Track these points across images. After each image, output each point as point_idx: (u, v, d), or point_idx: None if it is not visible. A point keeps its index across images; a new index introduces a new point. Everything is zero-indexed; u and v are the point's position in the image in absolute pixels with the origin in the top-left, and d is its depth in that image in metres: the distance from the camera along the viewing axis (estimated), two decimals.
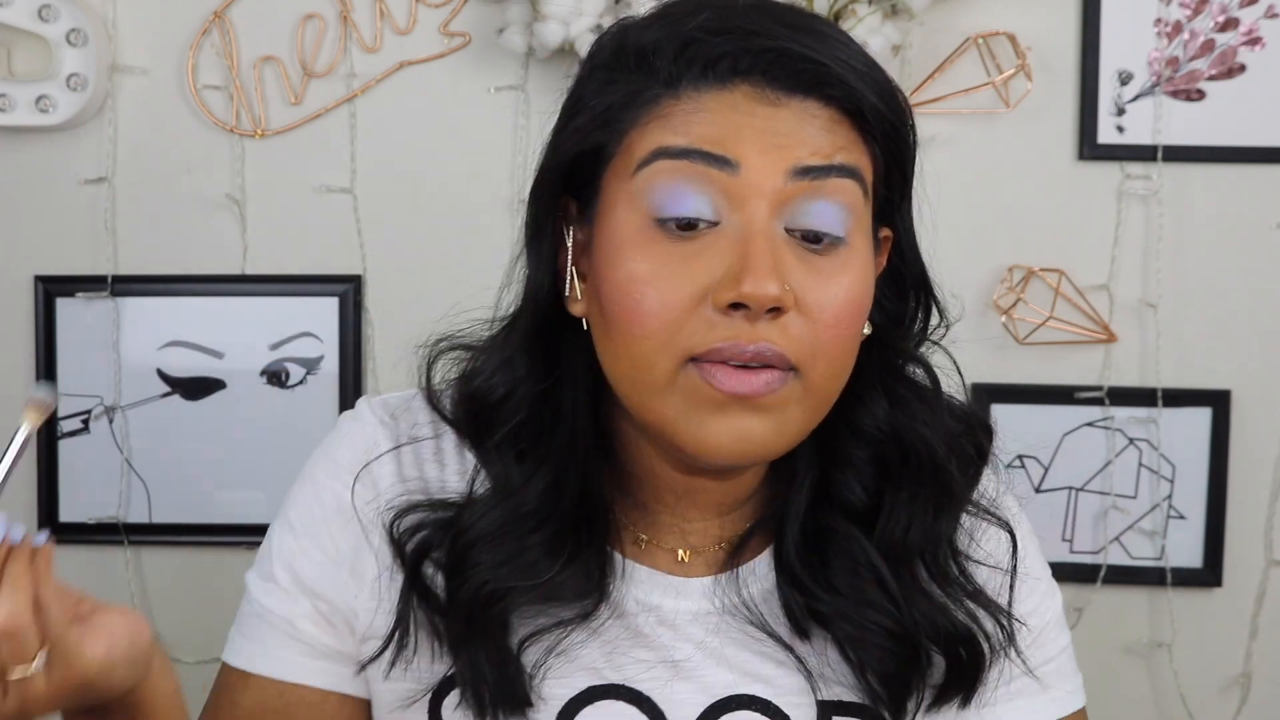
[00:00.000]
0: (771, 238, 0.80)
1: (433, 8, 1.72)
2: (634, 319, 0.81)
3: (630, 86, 0.82)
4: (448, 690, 0.90)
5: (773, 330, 0.79)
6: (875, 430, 0.90)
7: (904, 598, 0.89)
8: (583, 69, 0.87)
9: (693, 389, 0.80)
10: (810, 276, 0.81)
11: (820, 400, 0.84)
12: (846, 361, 0.84)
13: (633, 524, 0.92)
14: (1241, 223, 1.71)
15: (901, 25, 1.66)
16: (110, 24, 1.73)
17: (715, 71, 0.80)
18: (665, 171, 0.80)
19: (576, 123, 0.85)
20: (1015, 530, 0.95)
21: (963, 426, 0.95)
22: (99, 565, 1.79)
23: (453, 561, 0.88)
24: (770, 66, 0.80)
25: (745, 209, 0.80)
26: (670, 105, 0.81)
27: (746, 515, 0.93)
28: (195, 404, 1.77)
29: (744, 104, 0.80)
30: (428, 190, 1.74)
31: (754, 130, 0.80)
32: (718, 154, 0.80)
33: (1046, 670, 0.96)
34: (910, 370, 0.93)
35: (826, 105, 0.81)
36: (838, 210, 0.81)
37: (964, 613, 0.91)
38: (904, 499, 0.90)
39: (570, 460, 0.88)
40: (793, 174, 0.80)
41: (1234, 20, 1.68)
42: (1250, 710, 1.76)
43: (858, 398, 0.90)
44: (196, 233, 1.76)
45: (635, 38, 0.84)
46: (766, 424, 0.81)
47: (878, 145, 0.83)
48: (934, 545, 0.91)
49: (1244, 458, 1.73)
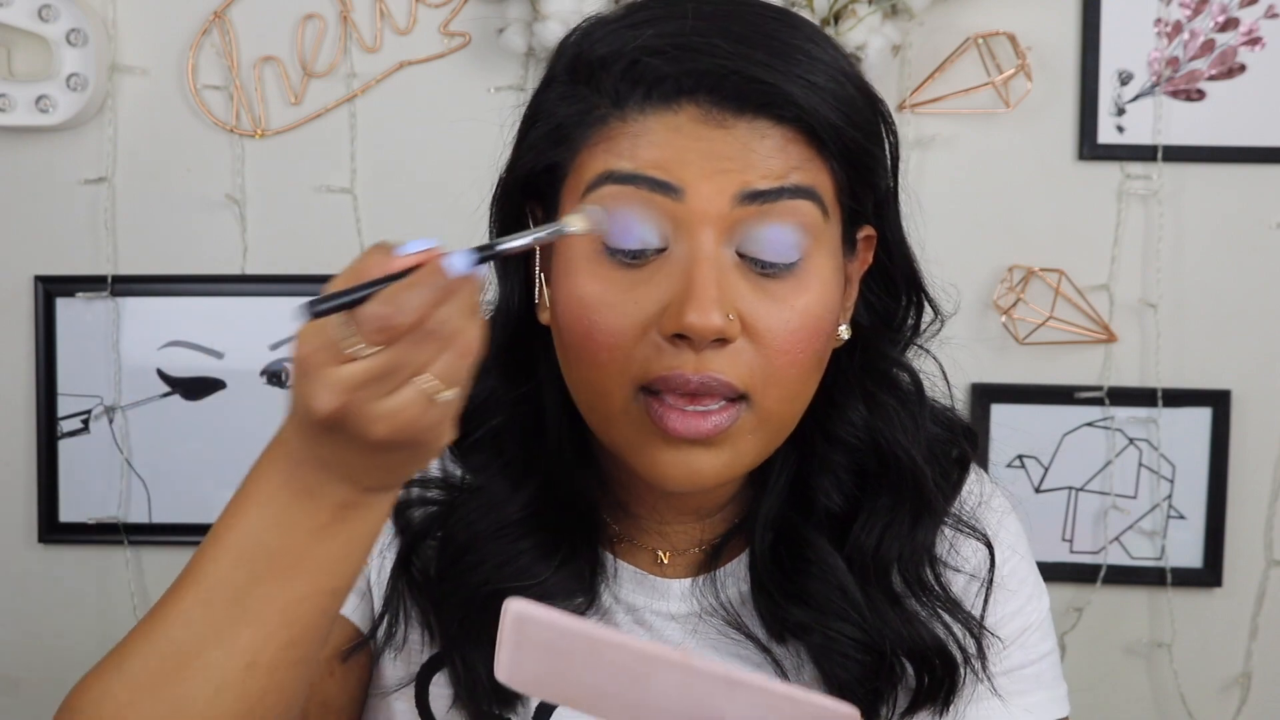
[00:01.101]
0: (719, 264, 0.78)
1: (433, 8, 1.72)
2: (585, 345, 0.80)
3: (580, 104, 0.81)
4: (435, 670, 0.90)
5: (719, 359, 0.78)
6: (852, 438, 0.89)
7: (873, 610, 0.88)
8: (547, 71, 0.86)
9: (643, 424, 0.80)
10: (762, 302, 0.79)
11: (777, 426, 0.83)
12: (804, 384, 0.83)
13: (616, 524, 0.92)
14: (1241, 223, 1.71)
15: (901, 25, 1.66)
16: (110, 24, 1.73)
17: (660, 92, 0.78)
18: (612, 196, 0.79)
19: (533, 135, 0.85)
20: (995, 539, 0.94)
21: (946, 432, 0.94)
22: (99, 565, 1.80)
23: (447, 562, 0.88)
24: (716, 87, 0.77)
25: (691, 236, 0.78)
26: (617, 126, 0.79)
27: (726, 518, 0.93)
28: (195, 404, 1.77)
29: (689, 126, 0.78)
30: (428, 190, 1.74)
31: (699, 154, 0.77)
32: (661, 179, 0.78)
33: (1025, 674, 0.94)
34: (895, 374, 0.91)
35: (778, 124, 0.78)
36: (790, 233, 0.79)
37: (938, 623, 0.90)
38: (882, 507, 0.89)
39: (557, 467, 0.89)
40: (740, 198, 0.78)
41: (1234, 20, 1.68)
42: (1250, 710, 1.76)
43: (835, 404, 0.89)
44: (196, 233, 1.76)
45: (590, 48, 0.82)
46: (718, 457, 0.81)
47: (835, 162, 0.80)
48: (911, 554, 0.90)
49: (1244, 458, 1.73)
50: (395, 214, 1.75)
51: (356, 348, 0.63)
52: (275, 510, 0.69)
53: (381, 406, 0.64)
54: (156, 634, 0.71)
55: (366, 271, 0.64)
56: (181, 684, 0.69)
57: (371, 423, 0.64)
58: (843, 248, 0.85)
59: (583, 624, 0.66)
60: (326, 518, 0.69)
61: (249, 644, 0.70)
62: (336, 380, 0.64)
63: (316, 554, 0.69)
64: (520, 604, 0.66)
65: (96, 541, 1.79)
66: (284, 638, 0.70)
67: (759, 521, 0.90)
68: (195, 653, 0.70)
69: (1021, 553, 0.97)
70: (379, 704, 0.93)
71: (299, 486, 0.68)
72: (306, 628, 0.71)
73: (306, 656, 0.72)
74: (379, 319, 0.63)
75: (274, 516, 0.69)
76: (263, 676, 0.70)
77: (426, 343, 0.64)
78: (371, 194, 1.75)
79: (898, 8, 1.65)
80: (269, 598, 0.70)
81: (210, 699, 0.69)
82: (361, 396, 0.64)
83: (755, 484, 0.91)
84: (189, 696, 0.69)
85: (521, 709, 0.89)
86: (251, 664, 0.70)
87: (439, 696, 0.91)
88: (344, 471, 0.68)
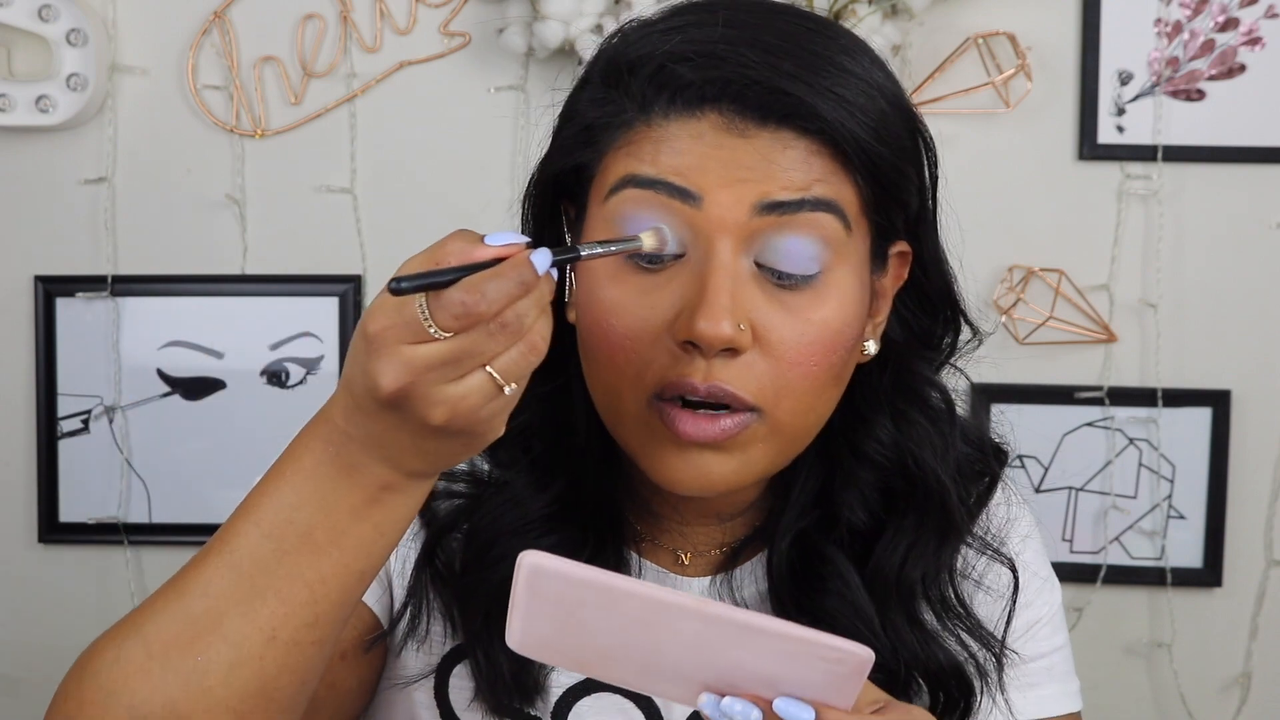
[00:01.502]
0: (735, 274, 0.78)
1: (433, 8, 1.72)
2: (601, 347, 0.80)
3: (609, 107, 0.81)
4: (455, 662, 0.91)
5: (729, 370, 0.78)
6: (880, 455, 0.89)
7: (889, 629, 0.88)
8: (585, 71, 0.86)
9: (655, 427, 0.80)
10: (777, 313, 0.79)
11: (790, 437, 0.82)
12: (819, 397, 0.82)
13: (638, 524, 0.93)
14: (1241, 223, 1.71)
15: (901, 25, 1.66)
16: (110, 24, 1.73)
17: (683, 99, 0.78)
18: (633, 200, 0.79)
19: (565, 135, 0.85)
20: (1016, 559, 0.93)
21: (977, 452, 0.94)
22: (99, 565, 1.80)
23: (471, 557, 0.88)
24: (739, 96, 0.77)
25: (708, 243, 0.78)
26: (642, 131, 0.80)
27: (746, 523, 0.93)
28: (195, 404, 1.77)
29: (711, 134, 0.78)
30: (428, 190, 1.74)
31: (719, 162, 0.77)
32: (681, 186, 0.77)
33: (1036, 668, 0.94)
34: (926, 392, 0.91)
35: (802, 136, 0.78)
36: (809, 245, 0.78)
37: (957, 643, 0.90)
38: (908, 526, 0.89)
39: (585, 466, 0.89)
40: (759, 208, 0.77)
41: (1234, 20, 1.68)
42: (1250, 710, 1.76)
43: (864, 420, 0.88)
44: (196, 233, 1.76)
45: (625, 50, 0.82)
46: (728, 463, 0.81)
47: (860, 176, 0.80)
48: (935, 574, 0.90)
49: (1244, 458, 1.73)
50: (395, 214, 1.75)
51: (432, 330, 0.64)
52: (313, 486, 0.70)
53: (446, 391, 0.65)
54: (177, 601, 0.71)
55: (447, 256, 0.66)
56: (199, 653, 0.70)
57: (433, 406, 0.65)
58: (871, 262, 0.84)
59: (598, 573, 0.66)
60: (364, 498, 0.69)
61: (271, 618, 0.70)
62: (407, 359, 0.65)
63: (350, 533, 0.70)
64: (535, 555, 0.66)
65: (96, 541, 1.79)
66: (307, 615, 0.70)
67: (779, 530, 0.90)
68: (215, 623, 0.70)
69: (1035, 552, 0.97)
70: (398, 695, 0.93)
71: (342, 464, 0.69)
72: (330, 606, 0.71)
73: (326, 637, 0.72)
74: (461, 304, 0.64)
75: (311, 493, 0.70)
76: (281, 653, 0.70)
77: (500, 334, 0.65)
78: (371, 194, 1.75)
79: (898, 8, 1.65)
80: (296, 574, 0.70)
81: (227, 671, 0.70)
82: (429, 378, 0.65)
83: (778, 493, 0.91)
84: (206, 666, 0.69)
85: (541, 703, 0.89)
86: (272, 639, 0.70)
87: (459, 689, 0.91)
88: (390, 453, 0.68)
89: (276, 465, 0.72)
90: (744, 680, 0.67)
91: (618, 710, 0.90)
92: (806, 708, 0.67)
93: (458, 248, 0.66)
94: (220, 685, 0.70)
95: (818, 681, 0.67)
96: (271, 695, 0.71)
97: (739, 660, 0.67)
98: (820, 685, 0.67)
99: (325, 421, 0.70)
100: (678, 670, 0.68)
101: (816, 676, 0.66)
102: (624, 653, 0.68)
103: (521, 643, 0.70)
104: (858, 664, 0.66)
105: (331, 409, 0.70)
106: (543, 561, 0.66)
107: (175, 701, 0.69)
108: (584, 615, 0.67)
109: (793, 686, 0.67)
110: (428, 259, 0.66)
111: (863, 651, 0.66)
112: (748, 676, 0.67)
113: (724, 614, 0.65)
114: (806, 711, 0.67)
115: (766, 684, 0.67)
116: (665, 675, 0.69)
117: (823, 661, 0.66)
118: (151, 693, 0.69)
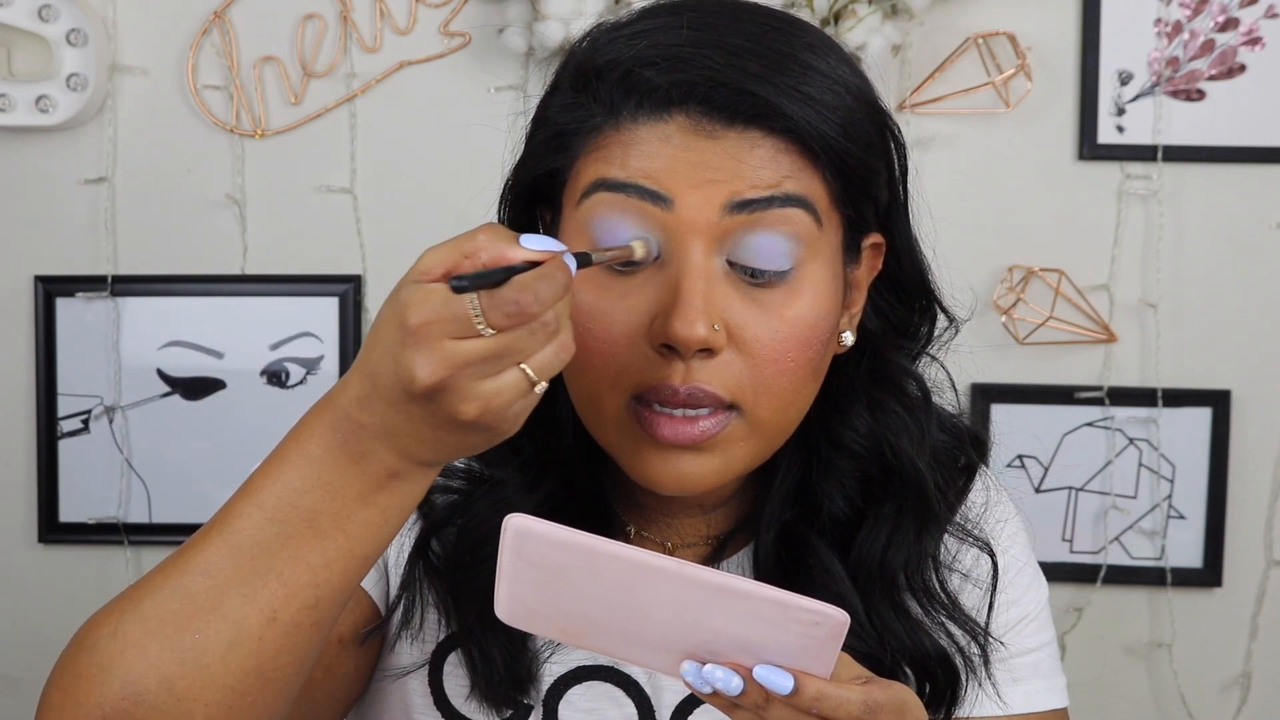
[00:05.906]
0: (707, 274, 0.78)
1: (433, 8, 1.72)
2: (579, 353, 0.80)
3: (579, 111, 0.82)
4: (449, 651, 0.91)
5: (706, 370, 0.79)
6: (857, 444, 0.90)
7: (874, 618, 0.89)
8: (555, 75, 0.87)
9: (634, 430, 0.81)
10: (750, 311, 0.80)
11: (770, 433, 0.83)
12: (798, 392, 0.83)
13: (626, 516, 0.94)
14: (1241, 223, 1.71)
15: (901, 25, 1.66)
16: (110, 24, 1.73)
17: (651, 102, 0.79)
18: (605, 204, 0.80)
19: (537, 141, 0.86)
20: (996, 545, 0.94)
21: (953, 440, 0.95)
22: (99, 565, 1.80)
23: (465, 552, 0.89)
24: (706, 98, 0.78)
25: (680, 245, 0.78)
26: (611, 135, 0.80)
27: (730, 514, 0.93)
28: (195, 404, 1.77)
29: (679, 137, 0.78)
30: (428, 190, 1.74)
31: (688, 164, 0.78)
32: (651, 189, 0.78)
33: (1022, 663, 0.94)
34: (902, 381, 0.91)
35: (769, 134, 0.78)
36: (781, 241, 0.79)
37: (941, 631, 0.91)
38: (887, 514, 0.90)
39: (576, 463, 0.90)
40: (729, 208, 0.78)
41: (1234, 20, 1.68)
42: (1250, 710, 1.76)
43: (841, 410, 0.89)
44: (196, 233, 1.76)
45: (593, 55, 0.83)
46: (708, 463, 0.82)
47: (829, 172, 0.80)
48: (917, 561, 0.90)
49: (1244, 458, 1.73)
50: (395, 214, 1.75)
51: (481, 326, 0.65)
52: (320, 471, 0.70)
53: (481, 387, 0.66)
54: (176, 579, 0.71)
55: (476, 249, 0.66)
56: (198, 630, 0.70)
57: (467, 401, 0.66)
58: (844, 255, 0.85)
59: (582, 536, 0.67)
60: (371, 484, 0.70)
61: (272, 600, 0.70)
62: (449, 353, 0.65)
63: (355, 518, 0.70)
64: (520, 518, 0.67)
65: (96, 541, 1.79)
66: (308, 598, 0.71)
67: (763, 521, 0.91)
68: (215, 602, 0.70)
69: (1020, 545, 0.97)
70: (393, 685, 0.93)
71: (350, 451, 0.69)
72: (332, 590, 0.71)
73: (325, 620, 0.72)
74: (515, 303, 0.65)
75: (318, 477, 0.70)
76: (281, 634, 0.71)
77: (540, 333, 0.67)
78: (371, 194, 1.75)
79: (898, 8, 1.65)
80: (299, 556, 0.70)
81: (225, 650, 0.70)
82: (467, 374, 0.66)
83: (759, 484, 0.92)
84: (204, 644, 0.70)
85: (534, 692, 0.90)
86: (272, 620, 0.70)
87: (453, 677, 0.92)
88: (403, 443, 0.69)
89: (279, 450, 0.72)
90: (725, 647, 0.68)
91: (608, 698, 0.90)
92: (786, 675, 0.68)
93: (488, 241, 0.67)
94: (218, 663, 0.70)
95: (796, 646, 0.67)
96: (269, 675, 0.71)
97: (719, 626, 0.67)
98: (799, 651, 0.67)
99: (332, 408, 0.70)
100: (661, 638, 0.69)
101: (794, 641, 0.67)
102: (609, 619, 0.69)
103: (510, 612, 0.71)
104: (834, 627, 0.66)
105: (340, 396, 0.70)
106: (528, 524, 0.67)
107: (171, 678, 0.69)
108: (568, 580, 0.68)
109: (772, 653, 0.68)
110: (455, 250, 0.67)
111: (838, 614, 0.66)
112: (728, 643, 0.68)
113: (701, 576, 0.66)
114: (785, 679, 0.68)
115: (747, 651, 0.68)
116: (649, 643, 0.70)
117: (799, 625, 0.66)
118: (147, 668, 0.69)
